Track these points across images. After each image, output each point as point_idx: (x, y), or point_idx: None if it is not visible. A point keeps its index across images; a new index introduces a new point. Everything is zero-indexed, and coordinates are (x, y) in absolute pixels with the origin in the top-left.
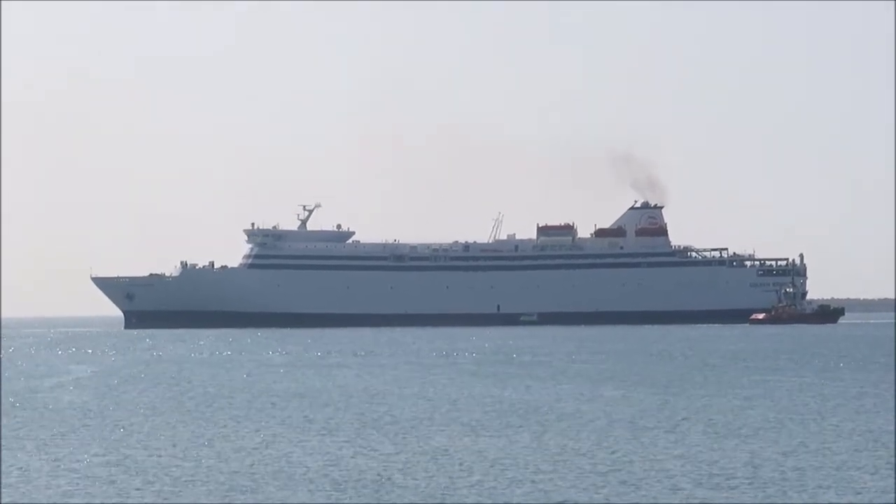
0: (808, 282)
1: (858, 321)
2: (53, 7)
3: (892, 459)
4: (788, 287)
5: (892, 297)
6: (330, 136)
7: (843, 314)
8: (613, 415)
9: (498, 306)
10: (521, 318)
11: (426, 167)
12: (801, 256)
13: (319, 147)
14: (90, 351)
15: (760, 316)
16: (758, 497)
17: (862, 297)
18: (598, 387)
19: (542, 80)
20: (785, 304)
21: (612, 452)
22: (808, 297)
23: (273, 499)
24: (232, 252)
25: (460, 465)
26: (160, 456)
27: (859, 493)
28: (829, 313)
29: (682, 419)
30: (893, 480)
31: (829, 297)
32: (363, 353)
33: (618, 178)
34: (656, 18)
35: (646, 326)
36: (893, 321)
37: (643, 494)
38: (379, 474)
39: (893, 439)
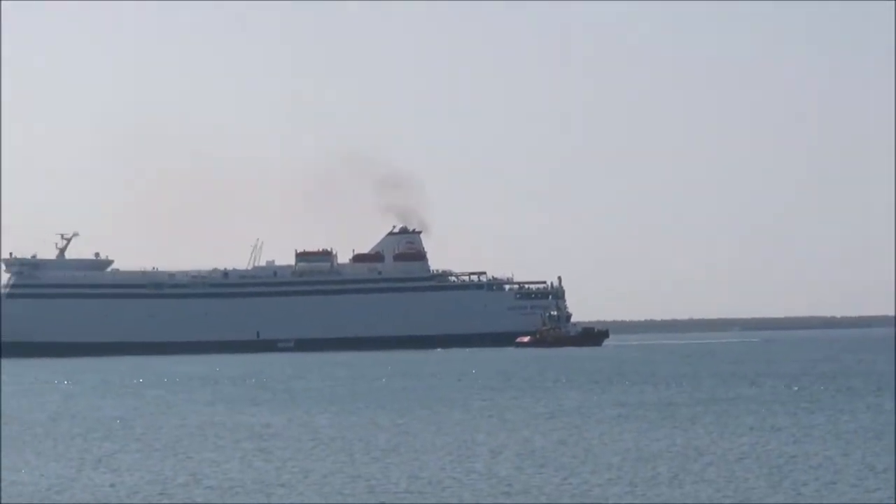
0: (570, 305)
1: (622, 343)
2: None
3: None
4: (552, 310)
5: (658, 318)
6: (87, 165)
7: (608, 336)
8: (349, 438)
9: (257, 333)
10: (279, 345)
11: (185, 194)
12: (560, 279)
13: (77, 175)
14: None
15: (525, 339)
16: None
17: (627, 318)
18: (318, 412)
19: (298, 103)
20: (549, 326)
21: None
22: (573, 319)
23: None
24: None
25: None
26: None
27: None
28: (593, 335)
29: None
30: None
31: (594, 320)
32: (116, 383)
33: (378, 203)
34: (421, 35)
35: (406, 351)
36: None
37: None
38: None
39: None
